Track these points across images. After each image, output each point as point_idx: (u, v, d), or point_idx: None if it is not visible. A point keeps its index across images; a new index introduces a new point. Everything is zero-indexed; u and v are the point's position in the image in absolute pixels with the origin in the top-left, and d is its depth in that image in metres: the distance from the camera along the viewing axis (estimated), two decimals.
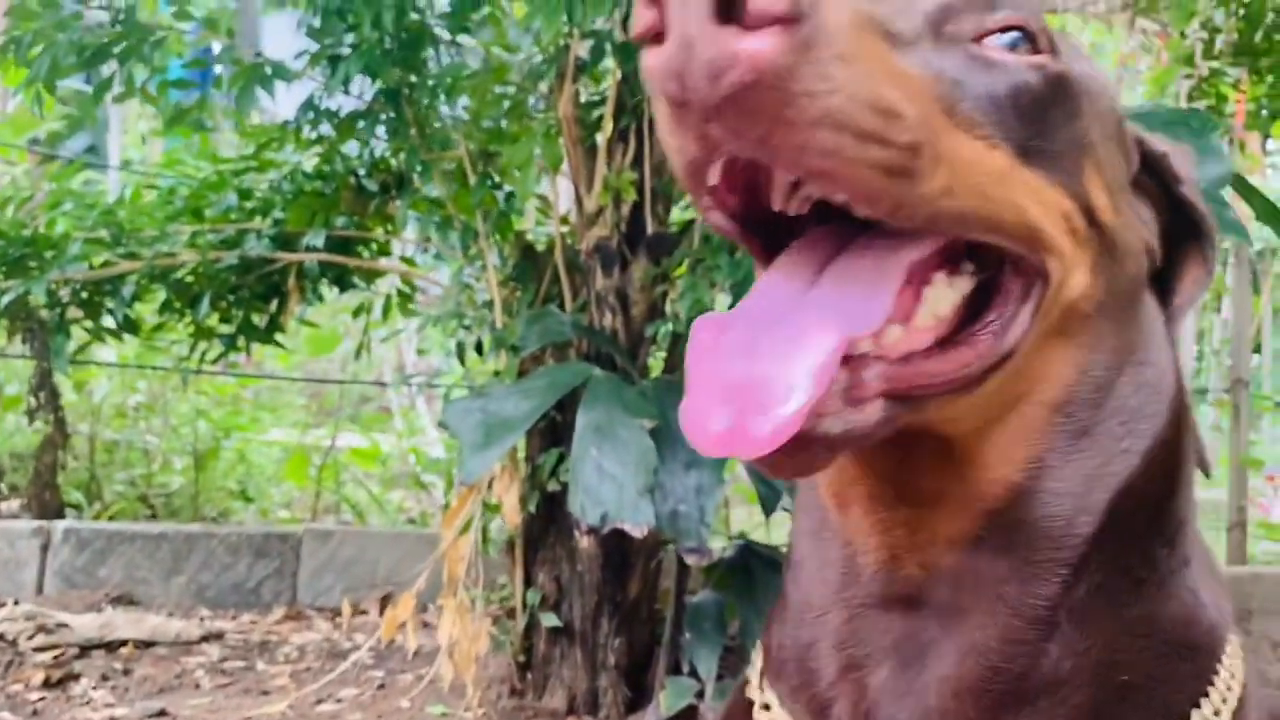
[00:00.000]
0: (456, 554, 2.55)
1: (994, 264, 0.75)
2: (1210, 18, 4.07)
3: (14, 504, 3.83)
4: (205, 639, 3.13)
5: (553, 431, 2.62)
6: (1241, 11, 4.06)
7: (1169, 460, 0.85)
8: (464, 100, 2.67)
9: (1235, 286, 5.06)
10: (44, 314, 3.32)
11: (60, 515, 3.73)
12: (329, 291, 3.32)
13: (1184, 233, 0.92)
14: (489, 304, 2.75)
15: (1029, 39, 0.77)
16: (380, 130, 2.84)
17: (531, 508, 2.57)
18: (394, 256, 3.32)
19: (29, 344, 3.55)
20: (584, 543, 2.54)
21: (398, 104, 2.62)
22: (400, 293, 3.21)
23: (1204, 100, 4.07)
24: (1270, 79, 4.05)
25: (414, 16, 2.54)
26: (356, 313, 3.29)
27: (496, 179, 2.64)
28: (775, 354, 0.66)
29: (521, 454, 2.64)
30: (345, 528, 4.02)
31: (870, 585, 0.83)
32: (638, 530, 1.98)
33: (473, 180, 2.60)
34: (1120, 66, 8.71)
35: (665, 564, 2.69)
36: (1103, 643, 0.79)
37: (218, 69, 2.75)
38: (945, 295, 0.74)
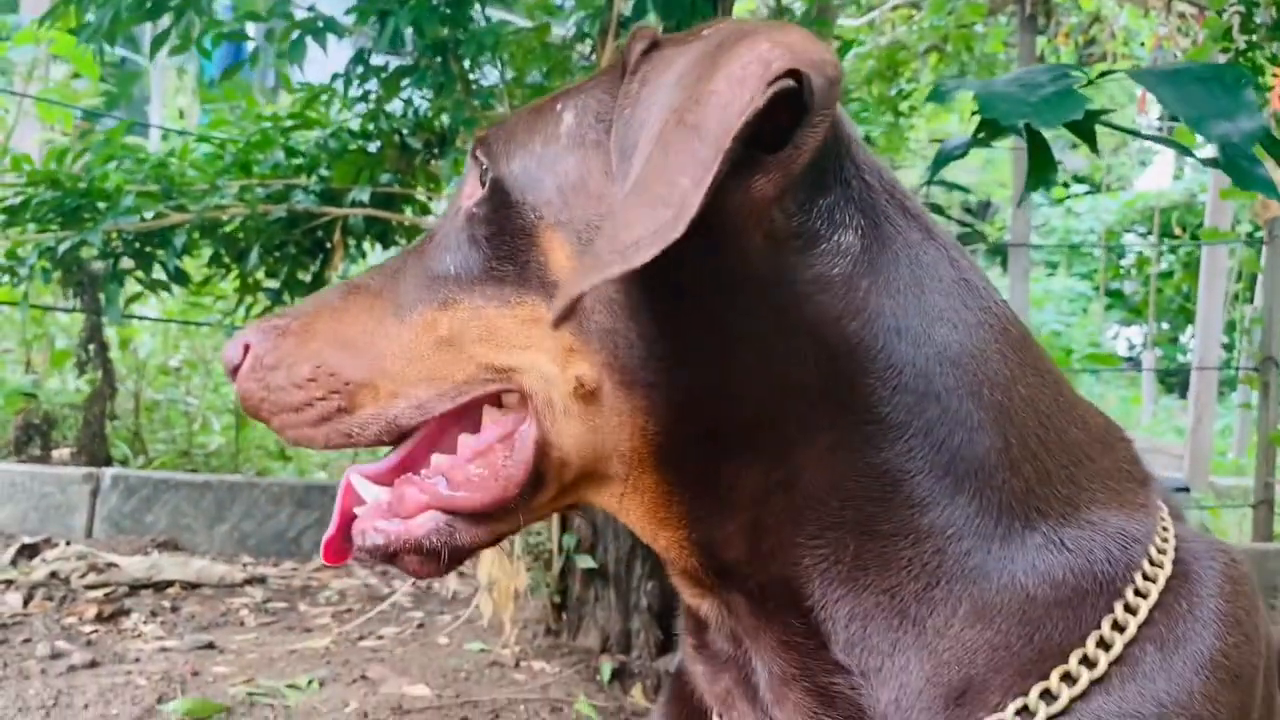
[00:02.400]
0: None
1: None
2: None
3: (64, 452, 3.94)
4: (249, 582, 3.22)
5: None
6: None
7: (875, 464, 0.81)
8: (507, 57, 2.73)
9: (1268, 264, 5.05)
10: (96, 266, 3.42)
11: (108, 464, 3.84)
12: (372, 249, 3.40)
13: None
14: None
15: (480, 169, 0.90)
16: (424, 90, 2.91)
17: None
18: (436, 215, 3.39)
19: (80, 298, 3.65)
20: None
21: (444, 60, 2.68)
22: None
23: None
24: None
25: None
26: None
27: None
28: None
29: None
30: None
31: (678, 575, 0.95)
32: None
33: None
34: (1156, 49, 8.68)
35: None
36: (944, 645, 0.81)
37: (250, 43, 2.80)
38: (490, 428, 0.88)
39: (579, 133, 0.85)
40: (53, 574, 3.05)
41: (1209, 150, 2.04)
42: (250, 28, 2.89)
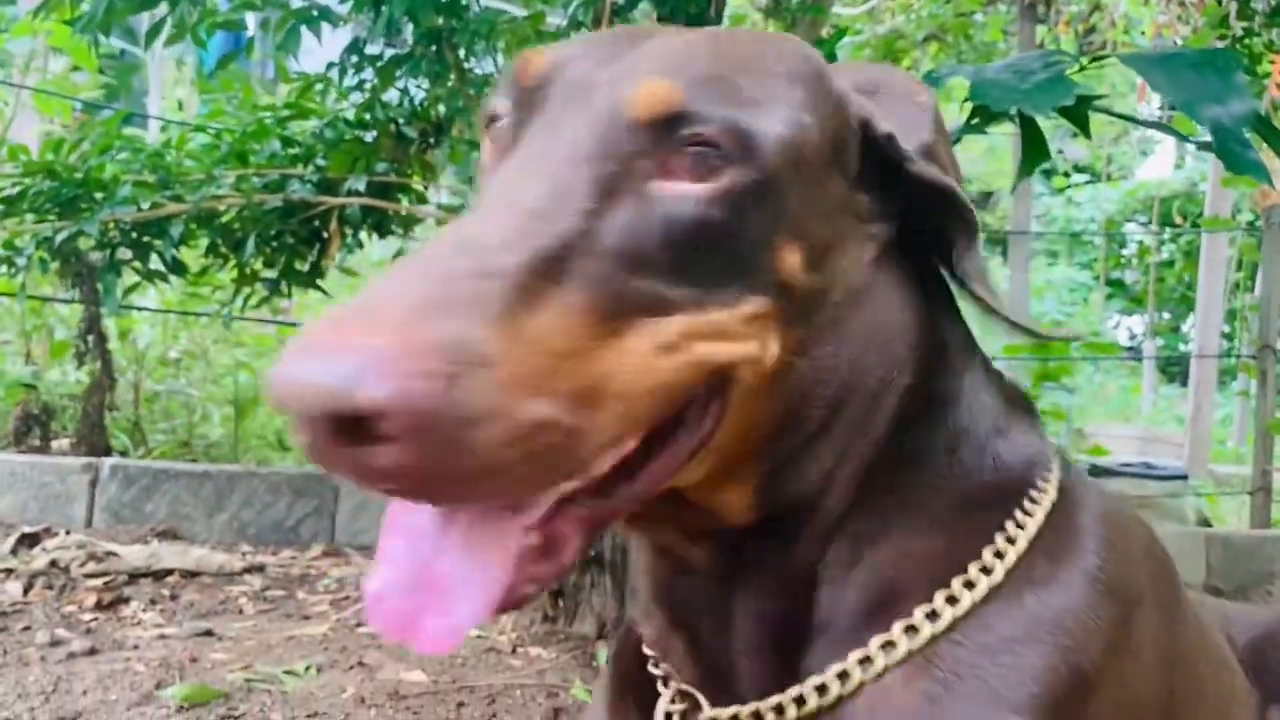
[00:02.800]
0: None
1: None
2: None
3: (64, 443, 3.95)
4: (248, 571, 3.23)
5: None
6: None
7: (923, 400, 0.92)
8: (502, 45, 2.74)
9: (1266, 252, 5.05)
10: (94, 257, 3.43)
11: (108, 454, 3.85)
12: (369, 238, 3.41)
13: (936, 205, 0.91)
14: None
15: (714, 149, 0.75)
16: (420, 79, 2.91)
17: None
18: (432, 205, 3.39)
19: (78, 288, 3.66)
20: None
21: (439, 49, 2.68)
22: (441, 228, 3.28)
23: None
24: None
25: None
26: (396, 257, 3.37)
27: None
28: (459, 547, 0.69)
29: None
30: None
31: (674, 560, 0.94)
32: None
33: None
34: (1156, 36, 8.66)
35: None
36: (880, 558, 0.90)
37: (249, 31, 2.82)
38: None
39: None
40: (52, 563, 3.06)
41: (1206, 136, 2.04)
42: (249, 18, 2.91)
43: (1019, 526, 0.92)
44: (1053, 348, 4.75)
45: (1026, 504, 0.94)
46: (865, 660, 0.88)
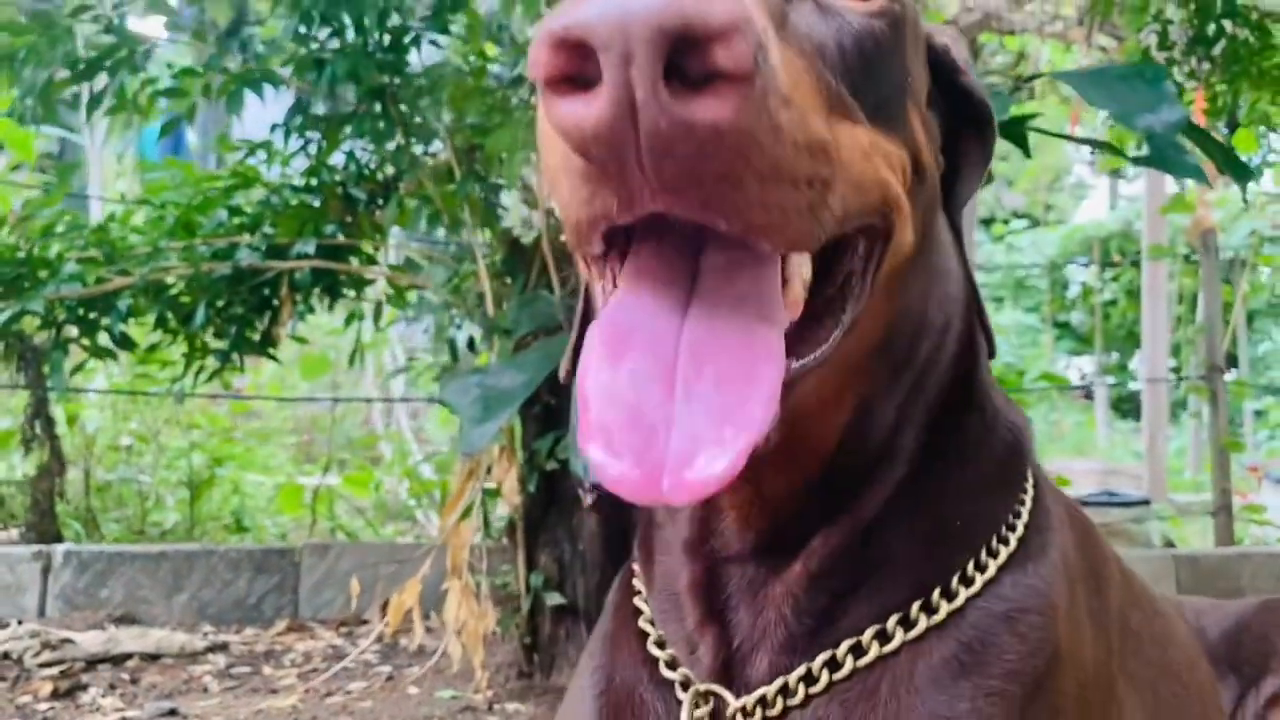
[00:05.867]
0: (459, 539, 2.59)
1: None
2: (1163, 10, 4.20)
3: (13, 533, 3.83)
4: (210, 650, 3.14)
5: (548, 415, 2.67)
6: (1193, 5, 4.20)
7: (969, 351, 0.94)
8: (446, 99, 2.75)
9: (1205, 276, 5.16)
10: (38, 339, 3.36)
11: (59, 541, 3.74)
12: (321, 302, 3.37)
13: (963, 122, 0.95)
14: (480, 297, 2.81)
15: None
16: (365, 140, 2.91)
17: (531, 488, 2.61)
18: (382, 265, 3.37)
19: (23, 372, 3.58)
20: (587, 518, 2.58)
21: (384, 104, 2.69)
22: (392, 289, 3.26)
23: None
24: (1226, 66, 4.16)
25: (395, 19, 2.62)
26: (349, 320, 3.34)
27: (482, 172, 2.71)
28: (711, 383, 0.61)
29: (519, 439, 2.69)
30: (344, 542, 4.04)
31: (724, 541, 0.90)
32: None
33: (459, 174, 2.67)
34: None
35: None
36: (930, 512, 0.89)
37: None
38: (805, 259, 0.70)
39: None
40: (4, 655, 2.95)
41: (1140, 151, 2.09)
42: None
43: (1021, 501, 0.94)
44: (1007, 381, 4.80)
45: (1028, 474, 0.97)
46: (905, 620, 0.86)
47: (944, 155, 0.93)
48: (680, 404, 0.59)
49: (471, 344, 2.93)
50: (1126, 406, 14.47)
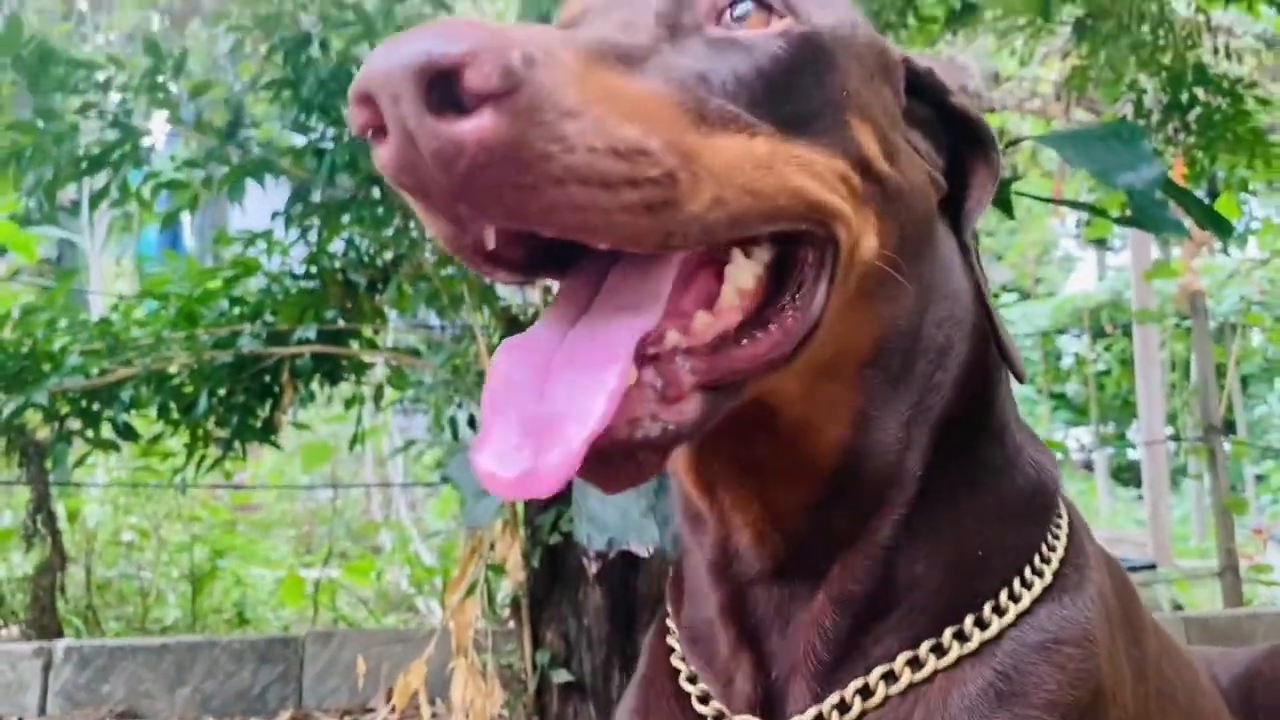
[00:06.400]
0: (464, 618, 2.58)
1: (788, 238, 0.77)
2: (1137, 79, 4.32)
3: (13, 630, 3.80)
4: None
5: None
6: (1164, 74, 4.31)
7: (979, 378, 0.95)
8: None
9: (1196, 337, 5.22)
10: (40, 434, 3.37)
11: (60, 637, 3.71)
12: (321, 389, 3.40)
13: (965, 145, 0.97)
14: (480, 375, 2.83)
15: (761, 5, 0.79)
16: (363, 227, 2.96)
17: (534, 564, 2.61)
18: (383, 348, 3.41)
19: (25, 467, 3.59)
20: (592, 593, 2.57)
21: (382, 190, 2.75)
22: (393, 371, 3.29)
23: None
24: (1202, 131, 4.25)
25: None
26: (349, 404, 3.36)
27: None
28: (564, 383, 0.66)
29: (521, 515, 2.69)
30: (347, 630, 4.00)
31: (746, 562, 0.92)
32: (644, 549, 2.04)
33: None
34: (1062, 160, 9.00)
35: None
36: (951, 540, 0.90)
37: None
38: (745, 269, 0.75)
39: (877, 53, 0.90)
40: None
41: (1117, 211, 2.14)
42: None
43: (1055, 536, 0.95)
44: None
45: (1058, 514, 0.97)
46: (937, 648, 0.87)
47: (948, 177, 0.96)
48: (539, 405, 0.65)
49: (472, 422, 2.95)
50: (1126, 475, 14.44)
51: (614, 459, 0.66)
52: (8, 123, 2.51)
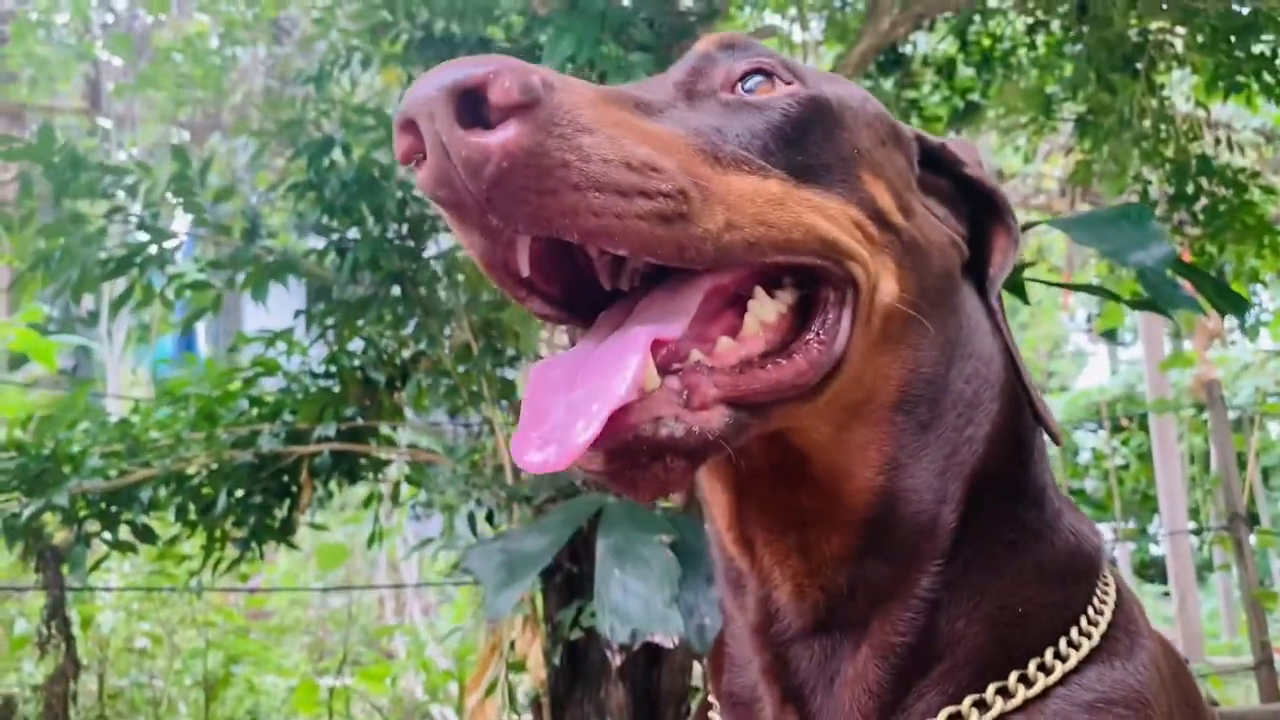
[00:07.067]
0: (484, 718, 2.53)
1: (810, 280, 0.83)
2: (1141, 172, 4.38)
3: None
4: None
5: (570, 584, 2.65)
6: (1168, 165, 4.38)
7: (1012, 438, 0.95)
8: (462, 279, 2.86)
9: (1215, 425, 5.19)
10: (57, 538, 3.37)
11: None
12: (339, 488, 3.40)
13: (984, 214, 1.01)
14: (498, 469, 2.84)
15: (768, 76, 0.87)
16: (385, 324, 3.01)
17: (556, 661, 2.57)
18: (401, 446, 3.42)
19: (41, 572, 3.57)
20: (615, 690, 2.53)
21: (402, 288, 2.79)
22: (410, 468, 3.29)
23: None
24: (1209, 221, 4.28)
25: (414, 208, 2.76)
26: (367, 502, 3.36)
27: (499, 346, 2.79)
28: (590, 375, 0.72)
29: (540, 610, 2.66)
30: None
31: (787, 619, 0.92)
32: (669, 640, 2.01)
33: (476, 349, 2.75)
34: (1069, 250, 9.15)
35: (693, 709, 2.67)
36: (991, 596, 0.90)
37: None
38: (768, 307, 0.81)
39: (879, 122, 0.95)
40: None
41: (1128, 294, 2.16)
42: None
43: (1102, 601, 0.94)
44: None
45: (1104, 582, 0.96)
46: (980, 703, 0.86)
47: (970, 246, 0.99)
48: (569, 394, 0.72)
49: (490, 517, 2.94)
50: (1150, 572, 14.22)
51: (640, 457, 0.71)
52: (38, 228, 2.57)
